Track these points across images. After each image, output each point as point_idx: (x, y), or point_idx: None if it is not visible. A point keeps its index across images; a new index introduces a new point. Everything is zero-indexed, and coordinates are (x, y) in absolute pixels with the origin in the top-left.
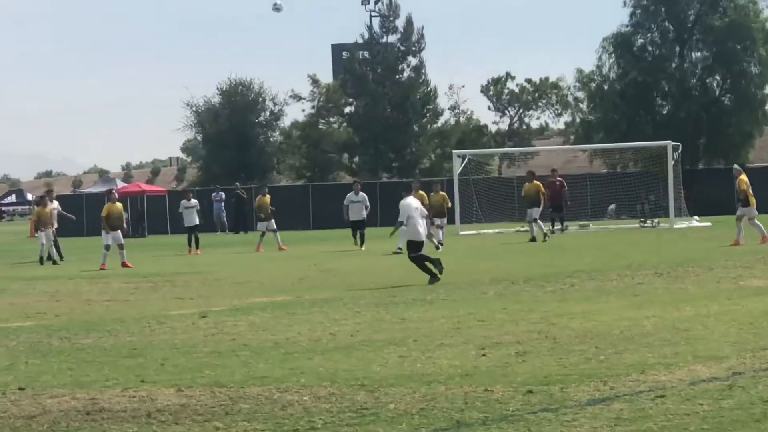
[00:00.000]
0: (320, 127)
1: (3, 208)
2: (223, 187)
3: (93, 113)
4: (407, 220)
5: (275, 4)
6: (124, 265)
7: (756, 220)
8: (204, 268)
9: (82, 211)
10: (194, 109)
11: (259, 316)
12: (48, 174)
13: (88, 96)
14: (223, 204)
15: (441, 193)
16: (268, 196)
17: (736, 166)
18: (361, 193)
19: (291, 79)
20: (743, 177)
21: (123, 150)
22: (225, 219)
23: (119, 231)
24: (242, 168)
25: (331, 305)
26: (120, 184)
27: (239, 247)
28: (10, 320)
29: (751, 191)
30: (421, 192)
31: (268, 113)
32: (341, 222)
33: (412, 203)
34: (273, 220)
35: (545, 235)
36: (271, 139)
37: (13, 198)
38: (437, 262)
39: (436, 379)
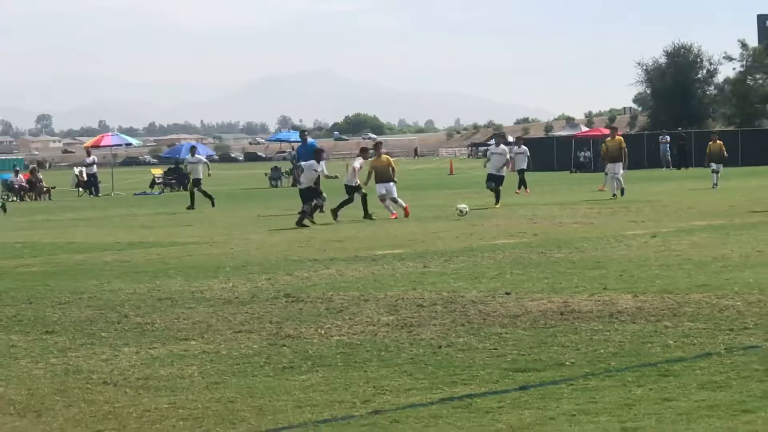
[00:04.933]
0: (748, 82)
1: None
2: (669, 132)
3: (562, 70)
4: None
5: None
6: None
7: None
8: (652, 197)
9: (553, 150)
10: (644, 67)
11: (698, 236)
12: (525, 120)
13: (557, 55)
14: (668, 145)
15: (718, 141)
16: (719, 141)
17: None
18: None
19: (723, 43)
20: None
21: (585, 100)
22: (669, 157)
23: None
24: (683, 116)
25: (758, 228)
26: (583, 128)
27: (681, 181)
28: (497, 238)
29: None
30: None
31: (704, 71)
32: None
33: None
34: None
35: None
36: (707, 93)
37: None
38: None
39: None
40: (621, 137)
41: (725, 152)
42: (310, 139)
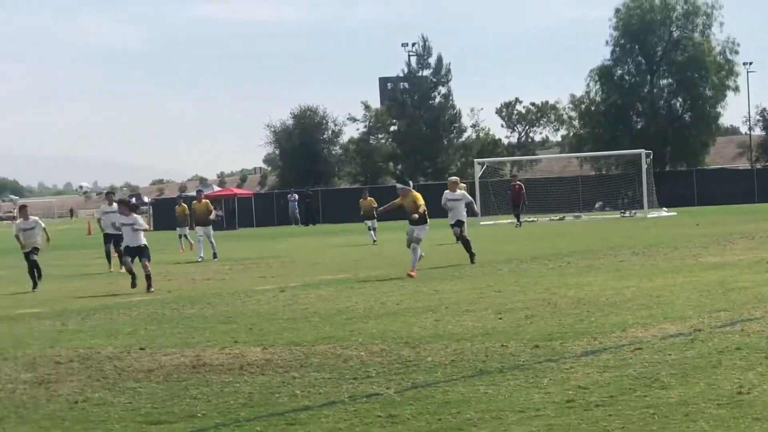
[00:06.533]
0: (371, 142)
1: None
2: (297, 190)
3: (194, 131)
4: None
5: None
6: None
7: None
8: (281, 253)
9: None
10: (273, 129)
11: (325, 290)
12: (160, 181)
13: (193, 117)
14: (296, 203)
15: (369, 198)
16: (370, 198)
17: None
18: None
19: (347, 105)
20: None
21: (218, 161)
22: (298, 214)
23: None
24: (311, 175)
25: (381, 281)
26: (216, 188)
27: (309, 236)
28: (132, 295)
29: None
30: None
31: (330, 132)
32: (387, 216)
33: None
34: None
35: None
36: (332, 152)
37: (134, 200)
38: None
39: (463, 337)
40: (207, 200)
41: (377, 207)
42: None
